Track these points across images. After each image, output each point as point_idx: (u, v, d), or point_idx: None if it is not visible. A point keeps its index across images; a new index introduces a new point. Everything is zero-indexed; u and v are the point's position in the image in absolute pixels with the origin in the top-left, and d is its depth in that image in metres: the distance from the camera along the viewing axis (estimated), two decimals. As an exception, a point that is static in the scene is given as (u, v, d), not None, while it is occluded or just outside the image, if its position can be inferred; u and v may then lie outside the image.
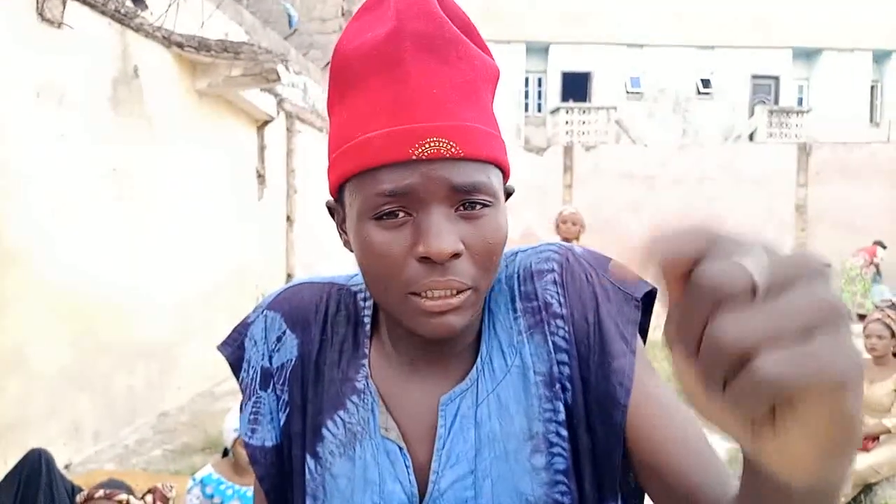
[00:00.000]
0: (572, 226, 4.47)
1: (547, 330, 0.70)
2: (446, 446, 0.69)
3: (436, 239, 0.60)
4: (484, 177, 0.63)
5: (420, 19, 0.61)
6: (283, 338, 0.77)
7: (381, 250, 0.63)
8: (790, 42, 19.43)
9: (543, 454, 0.68)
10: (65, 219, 4.47)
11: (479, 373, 0.70)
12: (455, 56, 0.62)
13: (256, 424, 0.76)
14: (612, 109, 17.40)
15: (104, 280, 4.85)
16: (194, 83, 6.17)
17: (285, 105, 8.56)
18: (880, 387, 3.74)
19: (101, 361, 4.85)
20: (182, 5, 5.87)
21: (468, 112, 0.63)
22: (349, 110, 0.64)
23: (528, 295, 0.72)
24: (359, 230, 0.64)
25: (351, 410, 0.72)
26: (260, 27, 8.33)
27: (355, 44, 0.63)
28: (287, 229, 9.03)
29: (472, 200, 0.63)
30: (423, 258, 0.61)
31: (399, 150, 0.60)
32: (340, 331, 0.76)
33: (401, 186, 0.61)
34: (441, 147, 0.60)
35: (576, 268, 0.71)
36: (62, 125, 4.44)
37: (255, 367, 0.77)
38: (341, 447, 0.72)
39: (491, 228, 0.64)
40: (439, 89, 0.61)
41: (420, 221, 0.62)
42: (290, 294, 0.80)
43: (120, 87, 5.09)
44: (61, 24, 4.34)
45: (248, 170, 7.73)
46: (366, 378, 0.73)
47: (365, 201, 0.62)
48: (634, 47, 19.31)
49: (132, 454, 4.80)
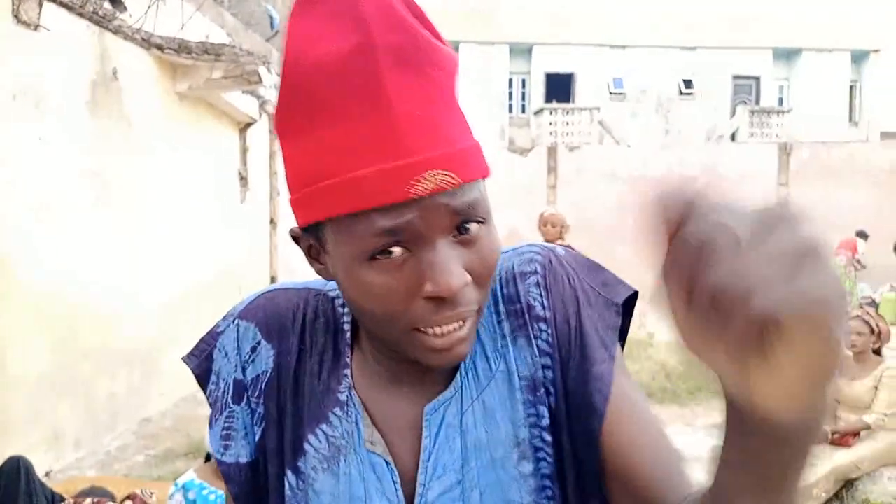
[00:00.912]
0: (552, 227, 4.48)
1: (531, 333, 0.69)
2: (432, 457, 0.67)
3: (446, 277, 0.57)
4: (478, 193, 0.60)
5: (391, 31, 0.55)
6: (258, 348, 0.73)
7: (382, 293, 0.59)
8: (770, 43, 19.64)
9: (530, 460, 0.67)
10: (44, 222, 4.42)
11: (462, 379, 0.69)
12: (430, 66, 0.58)
13: (229, 441, 0.73)
14: (595, 110, 17.50)
15: (85, 284, 4.80)
16: (175, 85, 6.12)
17: (268, 107, 8.52)
18: (860, 384, 3.79)
19: (82, 367, 4.79)
20: (162, 7, 5.82)
21: (454, 129, 0.59)
22: (321, 141, 0.57)
23: (510, 298, 0.70)
24: (352, 272, 0.60)
25: (334, 424, 0.70)
26: (241, 29, 8.28)
27: (316, 55, 0.56)
28: (271, 232, 8.99)
29: (469, 220, 0.60)
30: (431, 296, 0.59)
31: (395, 190, 0.55)
32: (320, 339, 0.73)
33: (399, 224, 0.56)
34: (439, 180, 0.56)
35: (558, 270, 0.70)
36: (40, 128, 4.39)
37: (227, 380, 0.73)
38: (324, 462, 0.69)
39: (489, 248, 0.62)
40: (423, 111, 0.56)
41: (422, 258, 0.58)
42: (263, 301, 0.75)
43: (99, 89, 5.04)
44: (38, 26, 4.29)
45: (230, 172, 7.69)
46: (349, 389, 0.70)
47: (358, 243, 0.58)
48: (617, 48, 19.43)
49: (114, 460, 4.75)
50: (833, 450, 3.72)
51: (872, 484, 3.71)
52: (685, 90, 19.60)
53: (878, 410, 3.70)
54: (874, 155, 12.73)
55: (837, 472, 3.66)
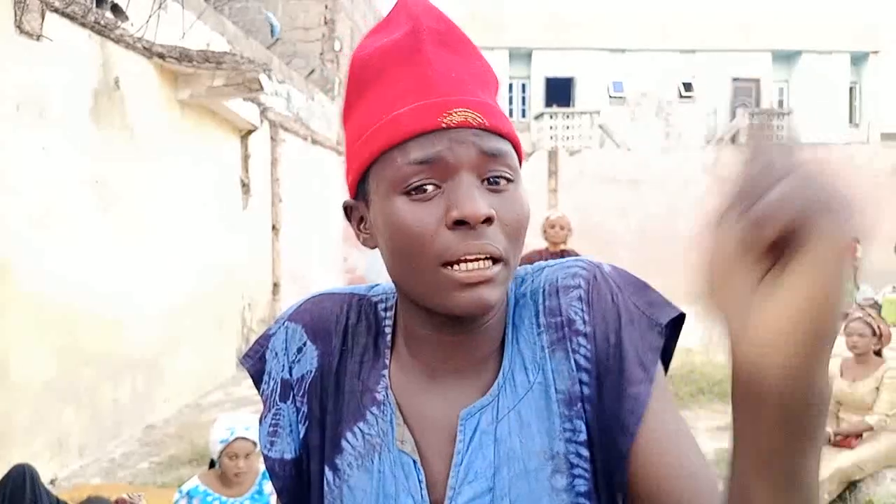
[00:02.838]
0: (560, 230, 4.48)
1: (569, 347, 0.69)
2: (464, 462, 0.68)
3: (470, 202, 0.62)
4: (506, 148, 0.66)
5: (434, 20, 0.67)
6: (304, 349, 0.76)
7: (412, 223, 0.63)
8: (770, 45, 19.66)
9: (564, 475, 0.67)
10: (48, 230, 4.44)
11: (500, 388, 0.69)
12: (467, 52, 0.68)
13: (275, 437, 0.76)
14: (595, 114, 17.51)
15: (88, 291, 4.82)
16: (176, 93, 6.15)
17: (269, 114, 8.55)
18: (862, 385, 3.79)
19: (86, 374, 4.81)
20: (163, 16, 5.86)
21: (486, 96, 0.67)
22: (369, 102, 0.67)
23: (552, 310, 0.71)
24: (387, 208, 0.65)
25: (371, 422, 0.72)
26: (242, 37, 8.32)
27: (373, 47, 0.68)
28: (273, 238, 9.00)
29: (497, 173, 0.65)
30: (457, 224, 0.62)
31: (428, 119, 0.63)
32: (361, 341, 0.76)
33: (430, 154, 0.62)
34: (468, 116, 0.63)
35: (602, 286, 0.70)
36: (43, 137, 4.42)
37: (276, 379, 0.77)
38: (359, 459, 0.71)
39: (517, 201, 0.66)
40: (457, 73, 0.66)
41: (451, 190, 0.63)
42: (310, 305, 0.79)
43: (101, 98, 5.07)
44: (40, 36, 4.32)
45: (232, 179, 7.71)
46: (386, 389, 0.72)
47: (394, 175, 0.64)
48: (617, 52, 19.47)
49: (118, 468, 4.76)
50: (836, 451, 3.73)
51: (875, 485, 3.71)
52: (685, 93, 19.62)
53: (880, 411, 3.71)
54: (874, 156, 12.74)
55: (840, 474, 3.66)
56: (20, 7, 4.12)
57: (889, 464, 3.74)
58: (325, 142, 11.43)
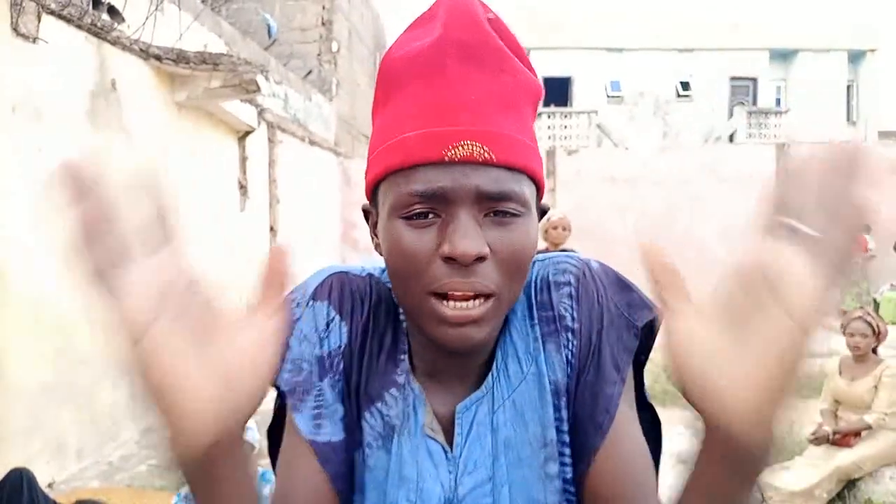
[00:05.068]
0: (562, 231, 4.47)
1: (560, 341, 0.71)
2: (464, 454, 0.70)
3: (461, 240, 0.61)
4: (515, 185, 0.63)
5: (465, 30, 0.63)
6: (332, 324, 0.74)
7: (407, 248, 0.63)
8: (767, 44, 19.67)
9: (556, 462, 0.69)
10: (43, 233, 4.43)
11: (494, 379, 0.71)
12: (497, 67, 0.64)
13: (321, 419, 0.71)
14: (593, 113, 17.52)
15: (85, 293, 4.80)
16: (173, 95, 6.14)
17: (266, 115, 8.53)
18: (860, 383, 3.79)
19: (83, 376, 4.80)
20: (160, 17, 5.85)
21: (505, 121, 0.64)
22: (390, 112, 0.67)
23: (543, 304, 0.72)
24: (388, 227, 0.65)
25: (390, 403, 0.72)
26: (239, 38, 8.31)
27: (402, 51, 0.66)
28: (271, 240, 8.98)
29: (502, 209, 0.63)
30: (448, 259, 0.62)
31: (432, 150, 0.62)
32: (381, 322, 0.75)
33: (431, 188, 0.62)
34: (474, 151, 0.62)
35: (590, 285, 0.72)
36: (40, 139, 4.40)
37: (310, 360, 0.73)
38: (379, 439, 0.72)
39: (519, 236, 0.64)
40: (478, 96, 0.63)
41: (447, 223, 0.63)
42: (335, 281, 0.76)
43: (98, 100, 5.06)
44: (36, 38, 4.31)
45: (229, 181, 7.70)
46: (406, 373, 0.73)
47: (397, 199, 0.64)
48: (614, 52, 19.47)
49: (117, 471, 4.75)
50: (835, 450, 3.73)
51: (875, 484, 3.71)
52: (683, 92, 19.63)
53: (878, 410, 3.70)
54: (872, 154, 12.74)
55: (839, 473, 3.66)
56: (16, 9, 4.11)
57: (888, 462, 3.73)
58: (323, 143, 11.42)
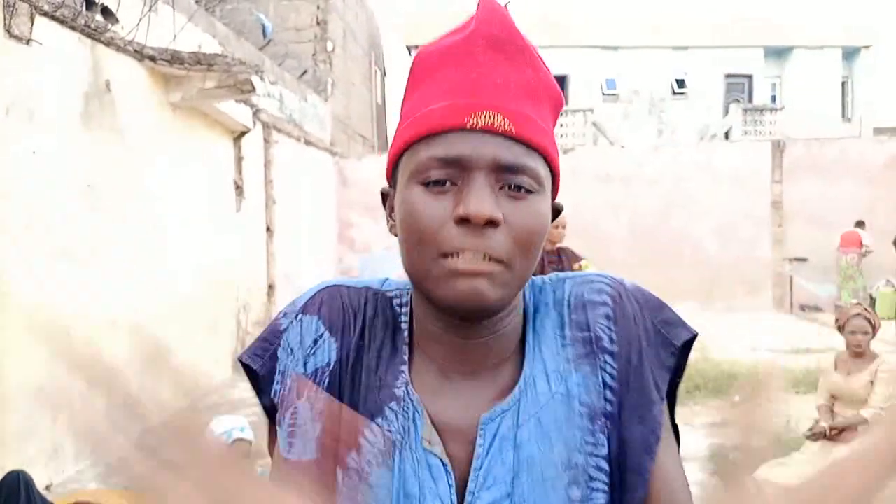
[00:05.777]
0: (562, 230, 4.47)
1: (597, 363, 0.70)
2: (484, 467, 0.67)
3: (475, 201, 0.62)
4: (531, 161, 0.65)
5: (495, 25, 0.67)
6: (320, 341, 0.73)
7: (422, 212, 0.64)
8: (761, 41, 19.71)
9: (581, 487, 0.67)
10: (39, 234, 4.42)
11: (521, 393, 0.69)
12: (523, 61, 0.67)
13: (294, 438, 0.71)
14: (588, 112, 17.54)
15: (80, 295, 4.79)
16: (168, 96, 6.13)
17: (262, 115, 8.53)
18: (857, 379, 3.80)
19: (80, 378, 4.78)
20: (154, 18, 5.84)
21: (526, 105, 0.66)
22: (418, 95, 0.69)
23: (579, 324, 0.72)
24: (405, 194, 0.66)
25: (390, 418, 0.70)
26: (234, 38, 8.29)
27: (436, 46, 0.70)
28: (267, 240, 8.98)
29: (518, 183, 0.65)
30: (461, 221, 0.63)
31: (455, 118, 0.64)
32: (378, 336, 0.74)
33: (451, 154, 0.64)
34: (495, 121, 0.64)
35: (627, 305, 0.72)
36: (34, 141, 4.39)
37: (291, 376, 0.73)
38: (379, 456, 0.70)
39: (532, 212, 0.65)
40: (503, 81, 0.66)
41: (462, 189, 0.64)
42: (325, 296, 0.76)
43: (92, 101, 5.05)
44: (30, 40, 4.30)
45: (225, 182, 7.69)
46: (406, 385, 0.71)
47: (416, 165, 0.66)
48: (609, 50, 19.49)
49: (114, 473, 4.73)
50: (831, 445, 3.73)
51: (871, 479, 3.72)
52: (678, 90, 19.66)
53: (874, 405, 3.71)
54: (867, 150, 12.77)
55: (836, 468, 3.66)
56: (9, 11, 4.09)
57: (885, 457, 3.74)
58: (319, 143, 11.41)
